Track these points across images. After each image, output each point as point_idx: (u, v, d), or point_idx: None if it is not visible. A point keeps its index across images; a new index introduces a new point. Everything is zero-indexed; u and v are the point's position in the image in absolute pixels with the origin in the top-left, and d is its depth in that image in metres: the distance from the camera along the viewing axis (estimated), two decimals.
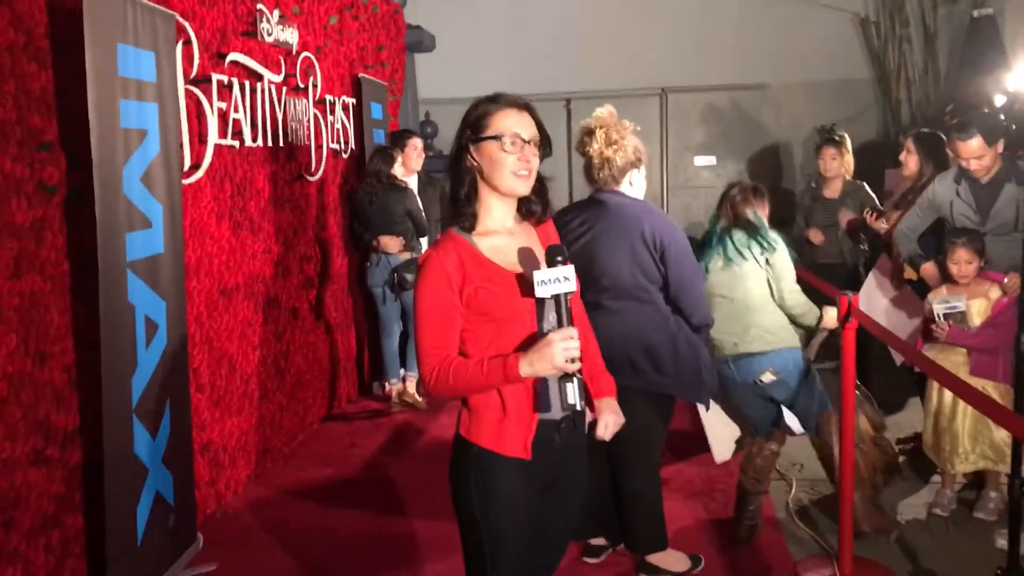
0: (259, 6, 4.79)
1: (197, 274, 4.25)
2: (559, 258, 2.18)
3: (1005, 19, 7.85)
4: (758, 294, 3.90)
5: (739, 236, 3.93)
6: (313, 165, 5.59)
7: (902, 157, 5.37)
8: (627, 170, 3.55)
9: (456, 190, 2.30)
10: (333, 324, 6.05)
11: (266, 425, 5.03)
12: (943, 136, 5.13)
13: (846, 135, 6.06)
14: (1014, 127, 3.61)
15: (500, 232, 2.31)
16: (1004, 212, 4.19)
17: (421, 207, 5.99)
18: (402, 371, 6.14)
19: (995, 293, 4.10)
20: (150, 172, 3.49)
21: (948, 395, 4.09)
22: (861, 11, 9.44)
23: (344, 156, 6.18)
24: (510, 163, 2.24)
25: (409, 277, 5.88)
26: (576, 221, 3.50)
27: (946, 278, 4.28)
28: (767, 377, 3.86)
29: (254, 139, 4.75)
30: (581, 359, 2.19)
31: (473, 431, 2.29)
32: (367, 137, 6.49)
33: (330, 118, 5.86)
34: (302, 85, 5.37)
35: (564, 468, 2.37)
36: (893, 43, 9.21)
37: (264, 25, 4.82)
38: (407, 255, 5.95)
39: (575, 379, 2.14)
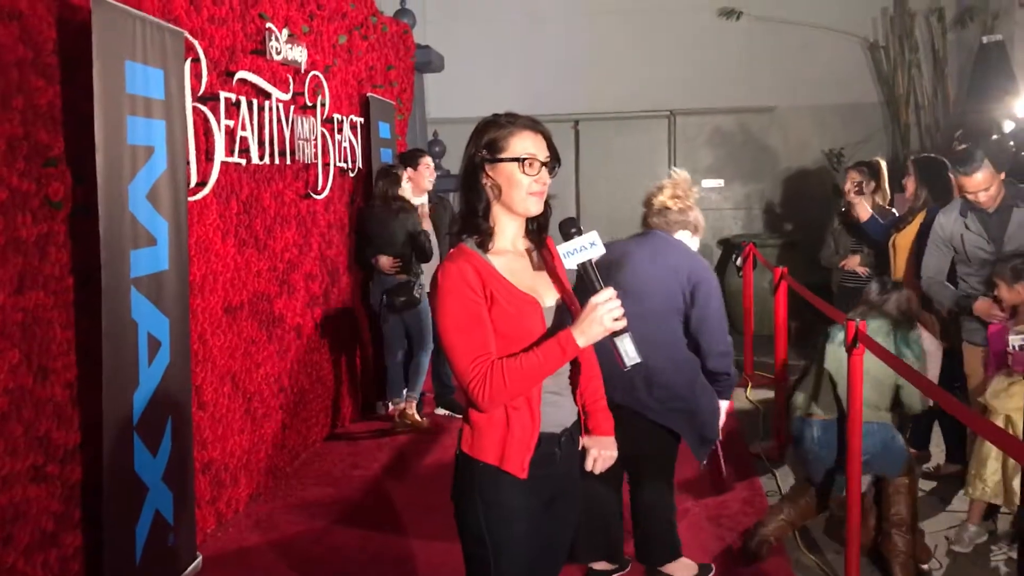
0: (268, 24, 4.81)
1: (202, 292, 4.24)
2: (573, 229, 2.24)
3: (1014, 45, 7.84)
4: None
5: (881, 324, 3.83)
6: (320, 183, 5.60)
7: (904, 181, 5.37)
8: (681, 226, 3.70)
9: (472, 207, 2.31)
10: (337, 343, 6.04)
11: (268, 444, 5.00)
12: (944, 161, 5.10)
13: (881, 161, 5.96)
14: (1016, 150, 3.58)
15: (511, 252, 2.33)
16: (1018, 236, 4.16)
17: (428, 230, 5.97)
18: (404, 391, 6.11)
19: None
20: (156, 189, 3.49)
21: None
22: (870, 36, 9.48)
23: (351, 175, 6.18)
24: (527, 184, 2.25)
25: (398, 300, 5.85)
26: (624, 245, 3.67)
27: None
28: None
29: (261, 157, 4.76)
30: (582, 393, 2.37)
31: (476, 447, 2.29)
32: (375, 156, 6.49)
33: (338, 137, 5.87)
34: (310, 103, 5.38)
35: (565, 481, 2.41)
36: (902, 68, 9.22)
37: (273, 43, 4.84)
38: (403, 277, 5.92)
39: (627, 334, 2.18)
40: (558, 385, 2.35)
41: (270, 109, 4.83)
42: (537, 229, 2.37)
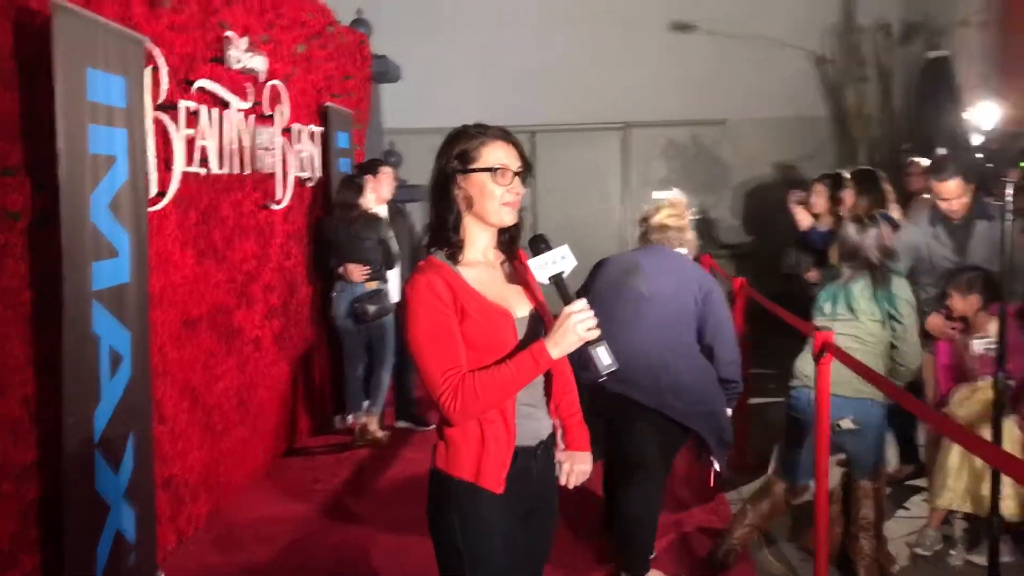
0: (228, 33, 4.73)
1: (161, 304, 4.14)
2: (542, 245, 2.24)
3: (958, 60, 8.04)
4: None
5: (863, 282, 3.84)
6: (279, 193, 5.52)
7: (843, 193, 5.48)
8: (679, 243, 3.89)
9: (442, 219, 2.28)
10: (295, 355, 5.95)
11: (228, 459, 4.90)
12: (880, 172, 5.25)
13: (845, 173, 6.04)
14: (991, 165, 3.66)
15: (482, 263, 2.31)
16: (980, 249, 4.25)
17: (393, 237, 5.94)
18: (365, 404, 6.04)
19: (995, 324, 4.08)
20: (118, 199, 3.40)
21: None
22: (818, 50, 9.64)
23: (310, 185, 6.11)
24: (500, 195, 2.24)
25: (371, 308, 5.81)
26: (632, 256, 3.87)
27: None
28: (845, 423, 3.76)
29: (220, 167, 4.67)
30: (557, 405, 2.41)
31: (452, 464, 2.27)
32: (333, 166, 6.43)
33: (297, 146, 5.80)
34: (269, 113, 5.31)
35: (541, 494, 2.40)
36: (850, 82, 9.41)
37: (232, 52, 4.76)
38: (373, 285, 5.88)
39: (601, 343, 2.17)
40: (533, 398, 2.33)
41: (229, 118, 4.76)
42: (508, 240, 2.36)
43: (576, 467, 2.50)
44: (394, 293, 5.96)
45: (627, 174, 10.24)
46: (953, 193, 4.24)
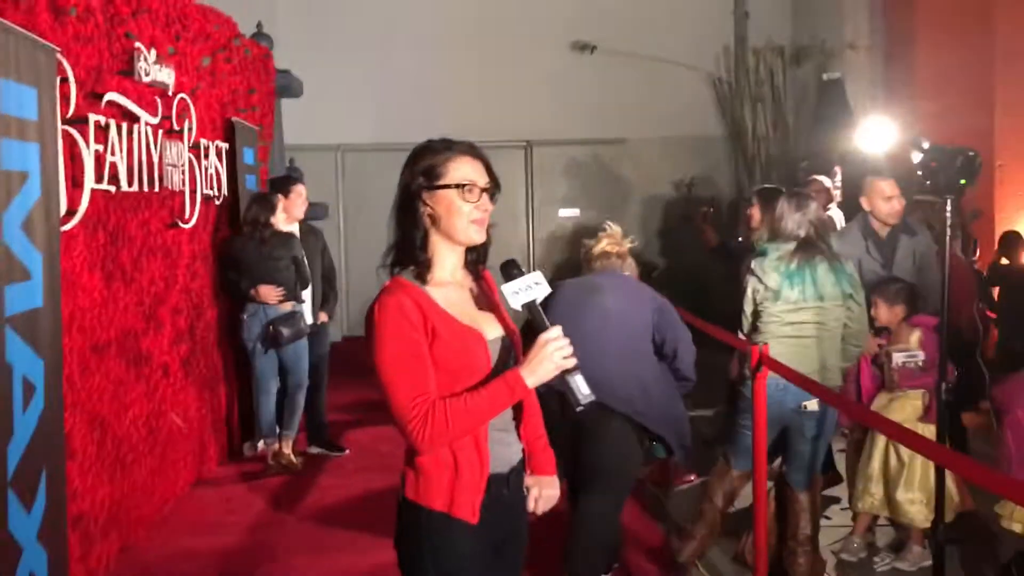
0: (137, 44, 4.51)
1: (69, 330, 3.88)
2: (515, 271, 2.18)
3: (849, 82, 8.38)
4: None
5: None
6: (187, 211, 5.29)
7: (749, 211, 5.63)
8: (622, 268, 4.07)
9: (408, 237, 2.20)
10: (203, 381, 5.69)
11: (138, 492, 4.64)
12: (783, 190, 5.41)
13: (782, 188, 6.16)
14: (928, 183, 3.78)
15: (451, 283, 2.23)
16: (904, 264, 4.40)
17: (305, 257, 5.76)
18: (279, 430, 5.82)
19: (916, 336, 4.24)
20: (31, 218, 3.17)
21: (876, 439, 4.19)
22: (714, 71, 9.91)
23: (217, 203, 5.88)
24: (468, 212, 2.17)
25: (285, 331, 5.61)
26: (588, 278, 4.04)
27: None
28: (812, 404, 3.82)
29: (130, 184, 4.44)
30: (524, 429, 2.33)
31: (423, 493, 2.18)
32: (240, 183, 6.21)
33: (204, 162, 5.57)
34: (177, 128, 5.08)
35: (513, 522, 2.33)
36: (746, 102, 9.70)
37: (141, 64, 4.54)
38: (288, 307, 5.68)
39: (577, 372, 2.12)
40: (503, 422, 2.26)
41: (139, 133, 4.53)
42: (475, 260, 2.28)
43: (544, 492, 2.42)
44: (307, 315, 5.78)
45: (531, 192, 10.28)
46: (896, 191, 4.35)
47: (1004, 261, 6.80)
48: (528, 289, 2.16)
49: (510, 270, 2.19)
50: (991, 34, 7.28)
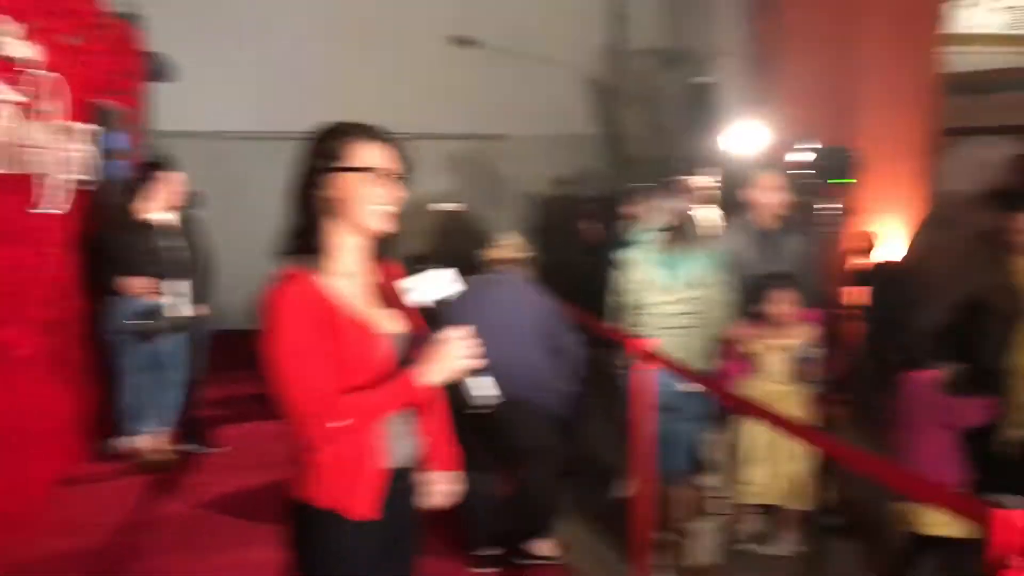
0: (2, 16, 4.26)
1: None
2: (422, 266, 2.16)
3: (722, 87, 8.68)
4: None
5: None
6: (52, 197, 5.01)
7: (630, 210, 5.77)
8: (517, 272, 4.48)
9: (306, 224, 2.12)
10: (69, 374, 5.42)
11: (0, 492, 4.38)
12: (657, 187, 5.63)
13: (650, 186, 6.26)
14: (816, 180, 3.92)
15: (352, 274, 2.15)
16: (787, 258, 4.54)
17: (183, 247, 5.53)
18: (152, 424, 5.59)
19: (803, 332, 4.37)
20: None
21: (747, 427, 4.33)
22: (591, 71, 10.09)
23: (84, 188, 5.60)
24: (377, 198, 2.11)
25: (153, 323, 5.38)
26: (484, 277, 4.36)
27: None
28: (685, 386, 3.93)
29: None
30: (426, 423, 2.26)
31: (316, 491, 2.10)
32: (108, 169, 5.93)
33: (72, 146, 5.30)
34: (45, 108, 4.82)
35: (410, 518, 2.28)
36: (622, 102, 9.92)
37: (7, 40, 4.29)
38: (154, 300, 5.44)
39: (483, 372, 2.11)
40: (403, 416, 2.19)
41: (1, 112, 4.27)
42: (380, 249, 2.21)
43: (441, 487, 2.38)
44: (185, 307, 5.57)
45: (410, 185, 10.20)
46: (777, 184, 4.48)
47: (859, 260, 7.11)
48: (440, 285, 2.13)
49: (423, 263, 2.15)
50: (854, 43, 7.68)
